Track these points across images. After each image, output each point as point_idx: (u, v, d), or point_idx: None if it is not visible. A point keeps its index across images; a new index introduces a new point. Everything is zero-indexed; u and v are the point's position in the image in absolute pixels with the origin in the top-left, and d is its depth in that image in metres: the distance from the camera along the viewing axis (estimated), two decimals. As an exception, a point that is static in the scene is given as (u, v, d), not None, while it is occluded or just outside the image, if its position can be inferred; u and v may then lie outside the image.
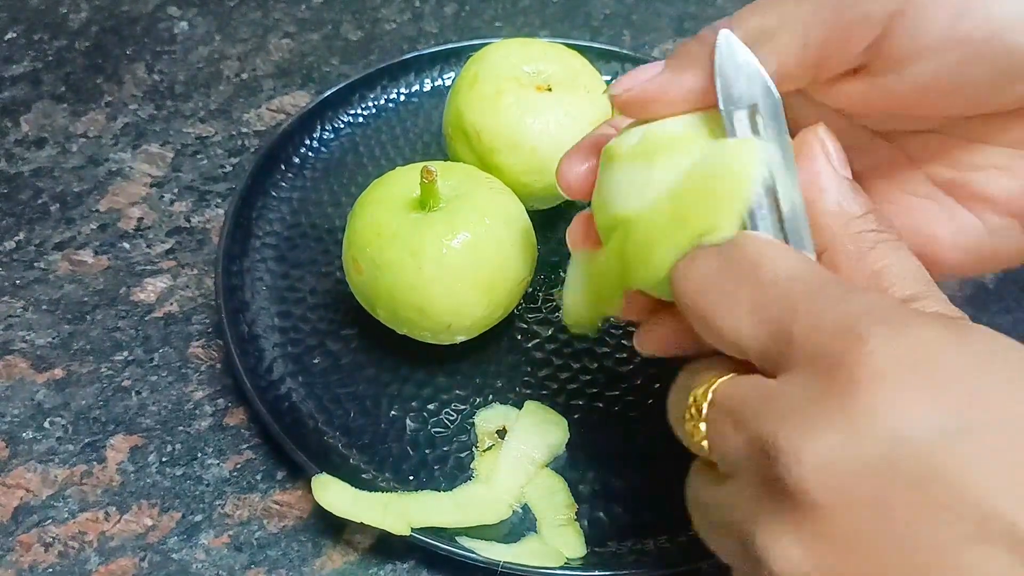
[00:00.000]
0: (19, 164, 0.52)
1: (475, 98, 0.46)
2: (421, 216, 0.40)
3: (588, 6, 0.64)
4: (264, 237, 0.48)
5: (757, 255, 0.27)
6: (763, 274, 0.27)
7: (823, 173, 0.29)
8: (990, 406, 0.23)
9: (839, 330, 0.24)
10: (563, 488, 0.40)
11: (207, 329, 0.46)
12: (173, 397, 0.43)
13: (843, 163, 0.30)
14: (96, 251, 0.48)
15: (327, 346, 0.44)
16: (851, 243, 0.29)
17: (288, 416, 0.41)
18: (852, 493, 0.23)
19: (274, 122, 0.55)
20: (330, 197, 0.51)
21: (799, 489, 0.23)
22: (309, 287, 0.47)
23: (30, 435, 0.42)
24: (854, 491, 0.23)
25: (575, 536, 0.39)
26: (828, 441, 0.23)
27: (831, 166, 0.30)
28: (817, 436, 0.23)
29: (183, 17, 0.61)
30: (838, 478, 0.23)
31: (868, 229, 0.29)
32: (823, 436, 0.23)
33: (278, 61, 0.59)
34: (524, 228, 0.42)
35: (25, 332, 0.45)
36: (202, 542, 0.39)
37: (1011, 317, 0.47)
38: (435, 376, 0.44)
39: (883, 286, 0.28)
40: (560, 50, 0.48)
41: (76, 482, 0.40)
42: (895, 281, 0.28)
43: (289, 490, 0.40)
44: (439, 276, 0.39)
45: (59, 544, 0.38)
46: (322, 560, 0.38)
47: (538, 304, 0.47)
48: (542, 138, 0.45)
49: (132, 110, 0.55)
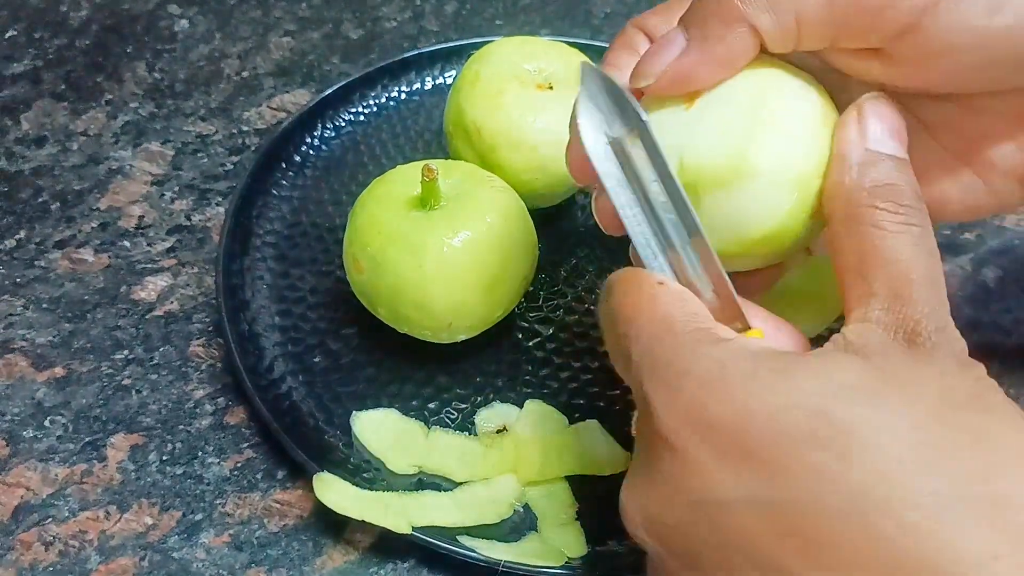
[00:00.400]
0: (19, 162, 0.52)
1: (476, 96, 0.46)
2: (422, 214, 0.40)
3: (589, 4, 0.64)
4: (264, 236, 0.48)
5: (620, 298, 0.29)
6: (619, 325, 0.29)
7: (845, 141, 0.29)
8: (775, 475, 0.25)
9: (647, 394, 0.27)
10: (564, 487, 0.40)
11: (207, 328, 0.46)
12: (173, 396, 0.43)
13: (883, 134, 0.29)
14: (96, 250, 0.48)
15: (327, 345, 0.44)
16: (849, 214, 0.28)
17: (289, 415, 0.41)
18: (670, 550, 0.27)
19: (275, 120, 0.55)
20: (331, 196, 0.51)
21: (639, 539, 0.28)
22: (309, 286, 0.47)
23: (30, 434, 0.41)
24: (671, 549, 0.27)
25: (576, 535, 0.39)
26: (641, 502, 0.27)
27: (858, 136, 0.29)
28: (635, 496, 0.28)
29: (183, 15, 0.61)
30: (655, 535, 0.27)
31: (869, 204, 0.28)
32: (637, 498, 0.27)
33: (279, 59, 0.59)
34: (525, 226, 0.42)
35: (25, 331, 0.45)
36: (202, 541, 0.39)
37: (1012, 316, 0.47)
38: (436, 375, 0.44)
39: (868, 267, 0.27)
40: (561, 48, 0.48)
41: (76, 481, 0.40)
42: (881, 266, 0.27)
43: (290, 489, 0.40)
44: (440, 274, 0.39)
45: (59, 543, 0.38)
46: (323, 559, 0.38)
47: (539, 303, 0.47)
48: (543, 136, 0.45)
49: (132, 108, 0.55)
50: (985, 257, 0.50)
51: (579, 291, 0.47)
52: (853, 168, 0.28)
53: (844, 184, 0.28)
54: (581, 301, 0.47)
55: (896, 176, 0.28)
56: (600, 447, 0.41)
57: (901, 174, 0.28)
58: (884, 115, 0.29)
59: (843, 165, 0.29)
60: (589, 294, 0.47)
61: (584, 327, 0.46)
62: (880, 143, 0.29)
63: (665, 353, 0.27)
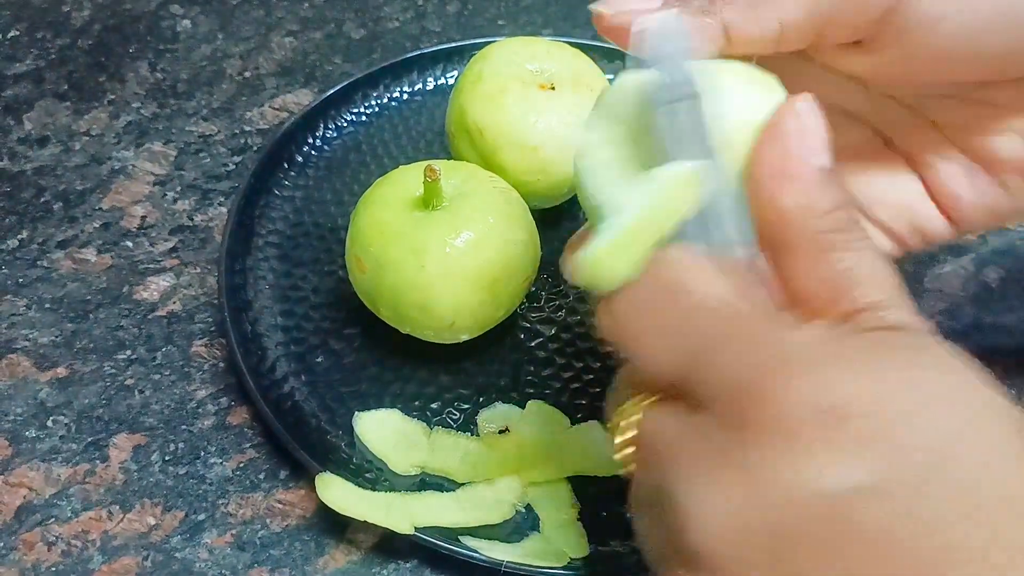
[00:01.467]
0: (22, 162, 0.52)
1: (478, 97, 0.46)
2: (424, 215, 0.40)
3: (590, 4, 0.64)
4: (267, 236, 0.48)
5: (675, 280, 0.25)
6: (681, 302, 0.25)
7: (788, 158, 0.26)
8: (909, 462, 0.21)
9: (749, 379, 0.23)
10: (566, 488, 0.40)
11: (210, 328, 0.46)
12: (176, 396, 0.43)
13: (820, 145, 0.26)
14: (99, 250, 0.48)
15: (330, 345, 0.44)
16: (811, 242, 0.25)
17: (291, 415, 0.41)
18: (748, 555, 0.22)
19: (277, 121, 0.55)
20: (333, 196, 0.51)
21: (692, 550, 0.23)
22: (312, 286, 0.47)
23: (33, 434, 0.42)
24: (751, 553, 0.22)
25: (578, 536, 0.39)
26: (724, 499, 0.22)
27: (800, 150, 0.26)
28: (714, 493, 0.22)
29: (186, 15, 0.61)
30: (733, 539, 0.22)
31: (832, 228, 0.25)
32: (720, 494, 0.22)
33: (281, 60, 0.59)
34: (527, 227, 0.42)
35: (28, 331, 0.45)
36: (205, 541, 0.39)
37: (1015, 316, 0.47)
38: (438, 375, 0.44)
39: (844, 289, 0.25)
40: (563, 49, 0.48)
41: (79, 481, 0.40)
42: (856, 285, 0.25)
43: (292, 489, 0.40)
44: (442, 275, 0.39)
45: (62, 543, 0.38)
46: (325, 559, 0.38)
47: (541, 303, 0.47)
48: (545, 137, 0.45)
49: (135, 108, 0.55)
50: (987, 257, 0.50)
51: (581, 291, 0.47)
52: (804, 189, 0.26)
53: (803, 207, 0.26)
54: (583, 301, 0.47)
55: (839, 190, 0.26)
56: (602, 448, 0.41)
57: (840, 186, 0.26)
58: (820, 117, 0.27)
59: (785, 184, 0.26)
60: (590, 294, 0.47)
61: (586, 327, 0.46)
62: (818, 153, 0.26)
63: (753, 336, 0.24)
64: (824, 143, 0.26)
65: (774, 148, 0.26)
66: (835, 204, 0.26)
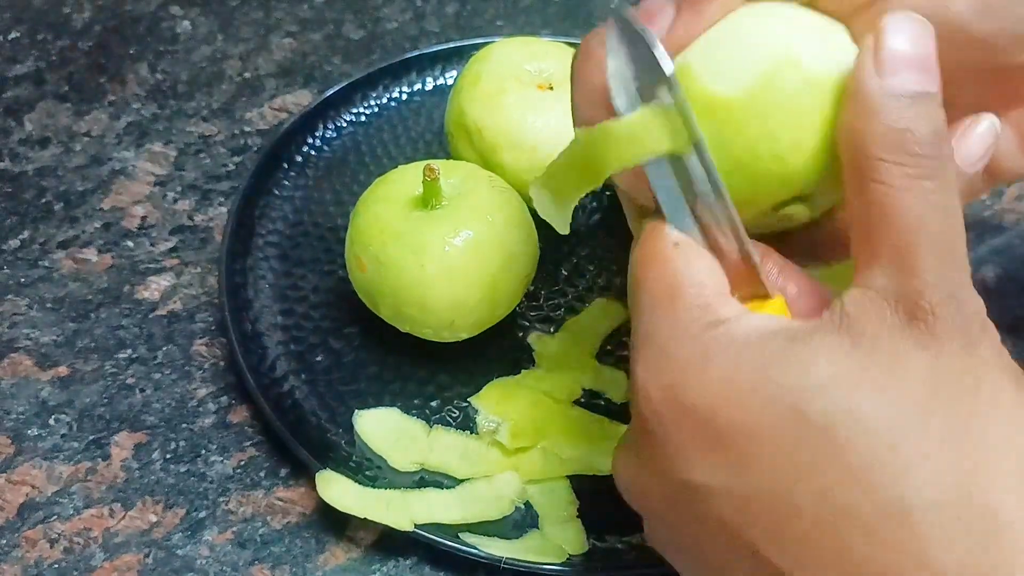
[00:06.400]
0: (23, 163, 0.52)
1: (477, 97, 0.46)
2: (424, 214, 0.41)
3: (590, 5, 0.64)
4: (267, 235, 0.48)
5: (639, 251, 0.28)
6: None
7: (858, 75, 0.25)
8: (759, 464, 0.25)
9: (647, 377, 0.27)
10: (565, 485, 0.40)
11: (210, 327, 0.46)
12: (177, 394, 0.43)
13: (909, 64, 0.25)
14: (100, 249, 0.49)
15: (330, 344, 0.45)
16: (854, 166, 0.25)
17: (291, 413, 0.41)
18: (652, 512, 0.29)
19: (276, 121, 0.55)
20: (332, 196, 0.51)
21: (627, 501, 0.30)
22: (312, 285, 0.47)
23: (35, 432, 0.42)
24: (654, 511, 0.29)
25: (577, 532, 0.39)
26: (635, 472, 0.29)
27: (872, 69, 0.25)
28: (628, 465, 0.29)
29: (186, 16, 0.61)
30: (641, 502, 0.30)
31: (879, 156, 0.24)
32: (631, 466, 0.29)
33: (280, 60, 0.59)
34: (526, 226, 0.42)
35: (29, 330, 0.45)
36: (206, 538, 0.39)
37: (1012, 315, 0.47)
38: (437, 374, 0.44)
39: (868, 232, 0.25)
40: (562, 49, 0.48)
41: (81, 479, 0.40)
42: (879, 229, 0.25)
43: (292, 487, 0.41)
44: (441, 274, 0.40)
45: (64, 540, 0.39)
46: (325, 556, 0.39)
47: (540, 302, 0.47)
48: (544, 136, 0.45)
49: (135, 109, 0.55)
50: (985, 255, 0.50)
51: (580, 290, 0.47)
52: (862, 109, 0.25)
53: (852, 129, 0.25)
54: (582, 300, 0.47)
55: (911, 119, 0.24)
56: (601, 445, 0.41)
57: (919, 116, 0.24)
58: (906, 40, 0.25)
59: (852, 105, 0.25)
60: (589, 293, 0.47)
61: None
62: (898, 76, 0.25)
63: (659, 329, 0.27)
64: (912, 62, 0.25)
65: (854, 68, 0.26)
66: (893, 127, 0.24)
